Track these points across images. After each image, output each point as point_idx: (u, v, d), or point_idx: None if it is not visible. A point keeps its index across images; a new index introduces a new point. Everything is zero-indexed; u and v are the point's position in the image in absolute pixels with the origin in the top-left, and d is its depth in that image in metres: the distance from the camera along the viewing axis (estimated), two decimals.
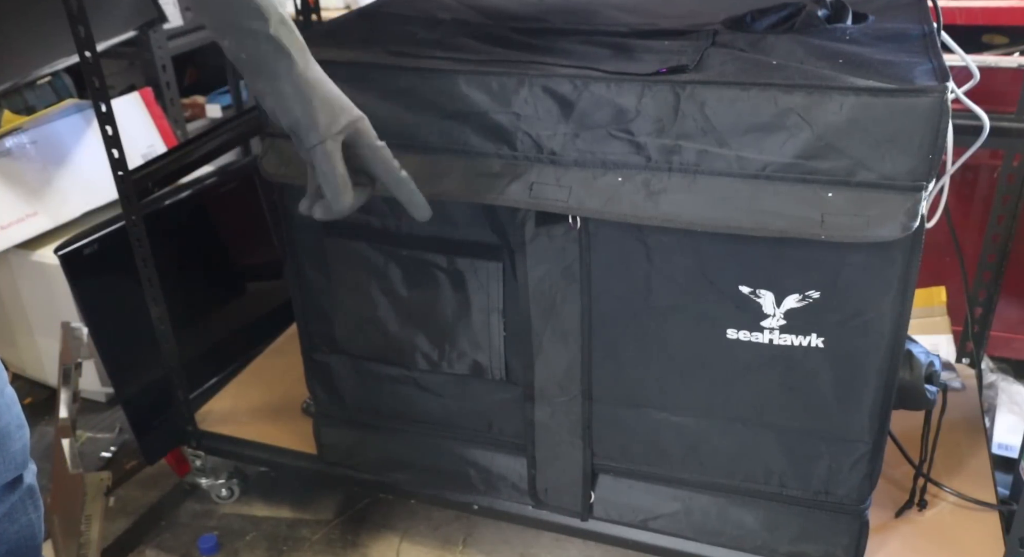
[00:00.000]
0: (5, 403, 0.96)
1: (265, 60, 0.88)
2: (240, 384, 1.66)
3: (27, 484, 1.01)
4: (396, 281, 1.20)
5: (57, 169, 1.80)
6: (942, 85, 0.88)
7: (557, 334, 1.15)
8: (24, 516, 1.02)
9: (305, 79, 0.89)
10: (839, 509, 1.14)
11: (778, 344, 1.05)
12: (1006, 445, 1.52)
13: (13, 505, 1.00)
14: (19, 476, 1.00)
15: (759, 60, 1.00)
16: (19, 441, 0.98)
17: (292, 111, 0.89)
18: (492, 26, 1.22)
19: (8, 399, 0.97)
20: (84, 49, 1.18)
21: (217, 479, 1.59)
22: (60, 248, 1.38)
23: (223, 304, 1.73)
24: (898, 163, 0.91)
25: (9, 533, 1.00)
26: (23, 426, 0.99)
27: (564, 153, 1.03)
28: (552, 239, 1.08)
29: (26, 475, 1.01)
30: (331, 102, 0.90)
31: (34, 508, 1.03)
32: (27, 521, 1.02)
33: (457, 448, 1.31)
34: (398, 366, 1.28)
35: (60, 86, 2.14)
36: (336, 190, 0.92)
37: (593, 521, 1.28)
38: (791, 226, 0.94)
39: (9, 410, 0.97)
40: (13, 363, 1.95)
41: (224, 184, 1.70)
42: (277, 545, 1.51)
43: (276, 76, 0.88)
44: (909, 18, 1.14)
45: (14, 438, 0.97)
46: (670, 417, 1.16)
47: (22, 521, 1.02)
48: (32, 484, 1.02)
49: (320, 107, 0.89)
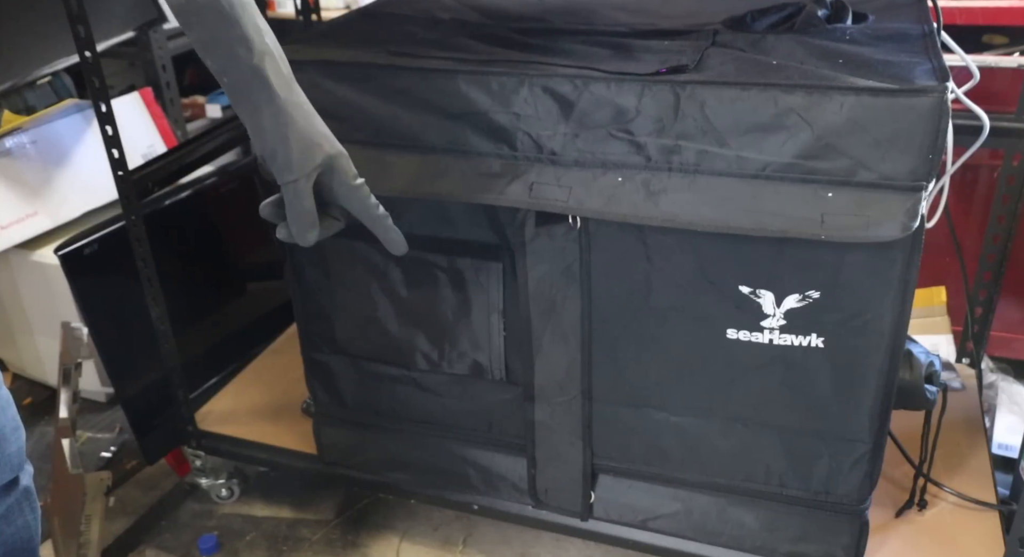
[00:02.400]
0: (0, 406, 0.96)
1: (246, 88, 0.86)
2: (240, 384, 1.66)
3: (23, 486, 1.01)
4: (396, 281, 1.20)
5: (57, 169, 1.80)
6: (942, 85, 0.88)
7: (557, 334, 1.15)
8: (21, 518, 1.02)
9: (284, 114, 0.87)
10: (839, 509, 1.14)
11: (778, 344, 1.05)
12: (1006, 445, 1.52)
13: (9, 507, 1.00)
14: (15, 478, 1.00)
15: (759, 60, 1.00)
16: (15, 443, 0.98)
17: (268, 143, 0.88)
18: (492, 26, 1.22)
19: (3, 401, 0.97)
20: (84, 49, 1.18)
21: (217, 479, 1.59)
22: (60, 248, 1.38)
23: (223, 304, 1.73)
24: (898, 163, 0.91)
25: (6, 535, 1.00)
26: (19, 428, 0.99)
27: (564, 153, 1.03)
28: (552, 239, 1.08)
29: (22, 477, 1.01)
30: (309, 138, 0.88)
31: (31, 510, 1.03)
32: (24, 523, 1.02)
33: (457, 448, 1.31)
34: (398, 366, 1.28)
35: (60, 86, 2.14)
36: (302, 227, 0.91)
37: (593, 521, 1.28)
38: (791, 226, 0.94)
39: (4, 412, 0.97)
40: (13, 363, 1.95)
41: (224, 184, 1.70)
42: (277, 545, 1.51)
43: (256, 106, 0.87)
44: (909, 18, 1.14)
45: (10, 440, 0.97)
46: (670, 417, 1.16)
47: (19, 523, 1.02)
48: (29, 486, 1.02)
49: (296, 144, 0.87)
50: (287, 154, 0.88)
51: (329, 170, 0.90)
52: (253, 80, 0.85)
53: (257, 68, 0.85)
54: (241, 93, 0.87)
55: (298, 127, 0.88)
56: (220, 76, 0.87)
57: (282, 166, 0.88)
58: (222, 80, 0.87)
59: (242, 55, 0.84)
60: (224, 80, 0.87)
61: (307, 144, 0.88)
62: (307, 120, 0.89)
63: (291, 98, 0.88)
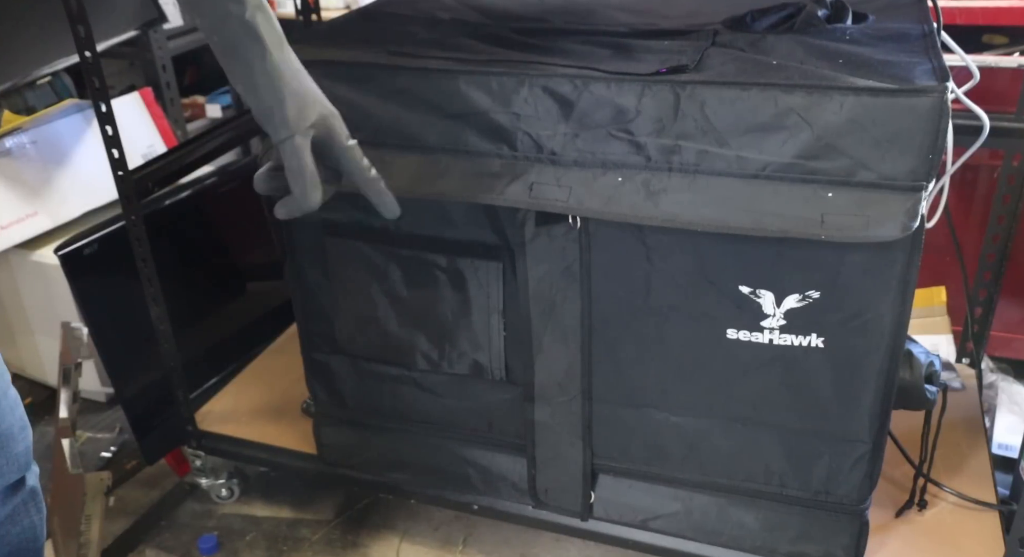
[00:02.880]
0: (8, 405, 0.96)
1: (238, 45, 0.85)
2: (240, 384, 1.66)
3: (30, 486, 1.01)
4: (396, 281, 1.20)
5: (57, 169, 1.80)
6: (942, 85, 0.88)
7: (557, 334, 1.15)
8: (27, 518, 1.02)
9: (278, 70, 0.86)
10: (839, 509, 1.14)
11: (778, 344, 1.05)
12: (1006, 445, 1.52)
13: (16, 507, 1.00)
14: (22, 478, 1.00)
15: (759, 60, 1.00)
16: (22, 443, 0.98)
17: (262, 101, 0.87)
18: (492, 26, 1.22)
19: (11, 401, 0.96)
20: (84, 49, 1.18)
21: (217, 479, 1.59)
22: (60, 248, 1.38)
23: (223, 304, 1.73)
24: (898, 163, 0.91)
25: (11, 535, 1.00)
26: (26, 428, 0.99)
27: (564, 153, 1.03)
28: (552, 239, 1.08)
29: (29, 477, 1.01)
30: (303, 95, 0.88)
31: (36, 510, 1.03)
32: (29, 523, 1.02)
33: (457, 448, 1.31)
34: (398, 366, 1.28)
35: (60, 86, 2.14)
36: (304, 187, 0.89)
37: (593, 521, 1.28)
38: (791, 226, 0.94)
39: (12, 412, 0.96)
40: (13, 363, 1.95)
41: (224, 184, 1.70)
42: (277, 545, 1.51)
43: (248, 63, 0.86)
44: (909, 18, 1.14)
45: (17, 440, 0.97)
46: (670, 417, 1.16)
47: (24, 523, 1.01)
48: (35, 486, 1.02)
49: (291, 100, 0.87)
50: (283, 111, 0.87)
51: (326, 129, 0.90)
52: (245, 36, 0.85)
53: (249, 23, 0.84)
54: (232, 52, 0.86)
55: (293, 83, 0.88)
56: (210, 35, 0.86)
57: (279, 123, 0.88)
58: (212, 39, 0.86)
59: (233, 10, 0.83)
60: (215, 38, 0.86)
61: (302, 101, 0.88)
62: (299, 79, 0.89)
63: (283, 55, 0.87)
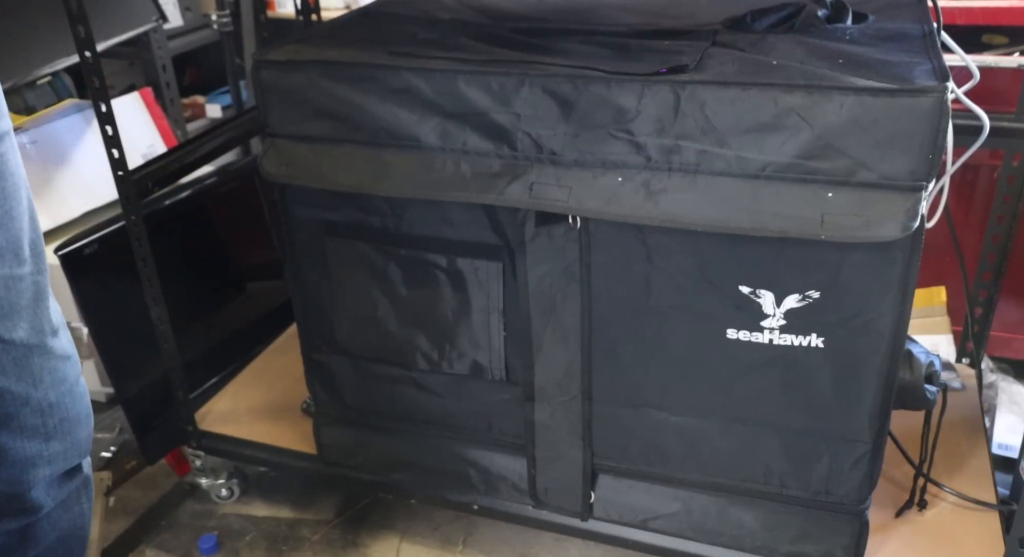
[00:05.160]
0: (80, 392, 1.01)
1: None
2: (240, 384, 1.66)
3: (85, 474, 1.06)
4: (396, 281, 1.20)
5: (57, 169, 1.80)
6: (942, 85, 0.88)
7: (557, 334, 1.15)
8: (78, 505, 1.06)
9: None
10: (839, 509, 1.14)
11: (778, 344, 1.05)
12: (1006, 445, 1.52)
13: (70, 493, 1.04)
14: (79, 465, 1.04)
15: (759, 60, 1.00)
16: (85, 429, 1.03)
17: None
18: (492, 26, 1.22)
19: (82, 389, 1.02)
20: (84, 49, 1.18)
21: (217, 479, 1.59)
22: (60, 248, 1.38)
23: (223, 304, 1.73)
24: (898, 163, 0.91)
25: (63, 521, 1.04)
26: (90, 417, 1.04)
27: (564, 153, 1.03)
28: (552, 239, 1.08)
29: (84, 465, 1.05)
30: None
31: (87, 499, 1.07)
32: (80, 510, 1.06)
33: (457, 448, 1.31)
34: (398, 366, 1.28)
35: (60, 86, 2.13)
36: None
37: (593, 521, 1.28)
38: (791, 226, 0.94)
39: (82, 399, 1.02)
40: None
41: (224, 184, 1.70)
42: (277, 545, 1.51)
43: None
44: (909, 18, 1.14)
45: (83, 425, 1.02)
46: (670, 417, 1.16)
47: (75, 510, 1.05)
48: (89, 475, 1.06)
49: None
50: None
51: None
52: None
53: None
54: None
55: None
56: None
57: None
58: None
59: None
60: None
61: None
62: None
63: None
